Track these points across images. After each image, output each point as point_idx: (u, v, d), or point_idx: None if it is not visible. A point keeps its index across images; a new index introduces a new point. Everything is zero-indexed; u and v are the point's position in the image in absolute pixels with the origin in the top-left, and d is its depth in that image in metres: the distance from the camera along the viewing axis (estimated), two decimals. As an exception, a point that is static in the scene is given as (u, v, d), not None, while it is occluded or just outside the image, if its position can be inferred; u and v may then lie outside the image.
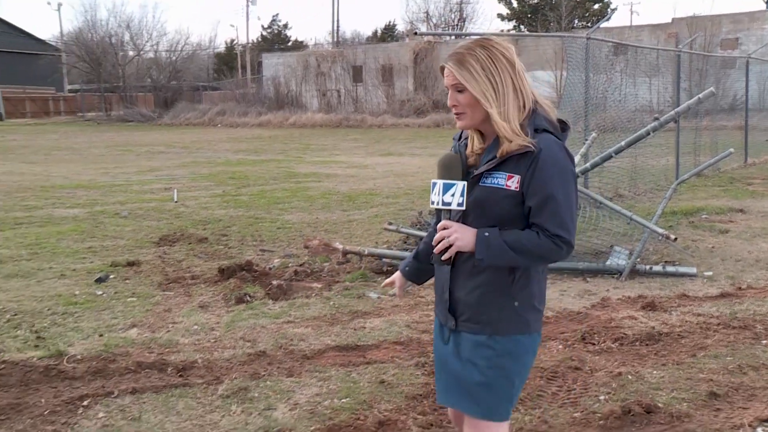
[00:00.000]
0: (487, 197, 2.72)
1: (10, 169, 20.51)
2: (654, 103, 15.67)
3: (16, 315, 6.68)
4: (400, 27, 72.15)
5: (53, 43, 76.53)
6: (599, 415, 4.42)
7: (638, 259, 7.83)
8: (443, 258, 2.78)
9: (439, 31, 67.91)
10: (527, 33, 52.55)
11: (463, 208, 2.75)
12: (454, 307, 2.88)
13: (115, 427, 4.38)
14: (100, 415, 4.54)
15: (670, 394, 4.73)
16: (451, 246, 2.74)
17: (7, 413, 4.56)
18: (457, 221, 2.78)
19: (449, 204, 2.76)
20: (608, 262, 7.86)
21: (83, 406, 4.64)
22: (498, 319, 2.79)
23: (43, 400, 4.72)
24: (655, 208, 9.38)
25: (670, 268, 7.84)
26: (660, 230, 7.70)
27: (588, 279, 7.70)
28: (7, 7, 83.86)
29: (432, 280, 3.09)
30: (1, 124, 52.18)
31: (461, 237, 2.72)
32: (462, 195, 2.74)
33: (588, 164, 8.77)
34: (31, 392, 4.87)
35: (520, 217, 2.72)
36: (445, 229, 2.75)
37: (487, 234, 2.69)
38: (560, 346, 5.67)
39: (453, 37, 49.55)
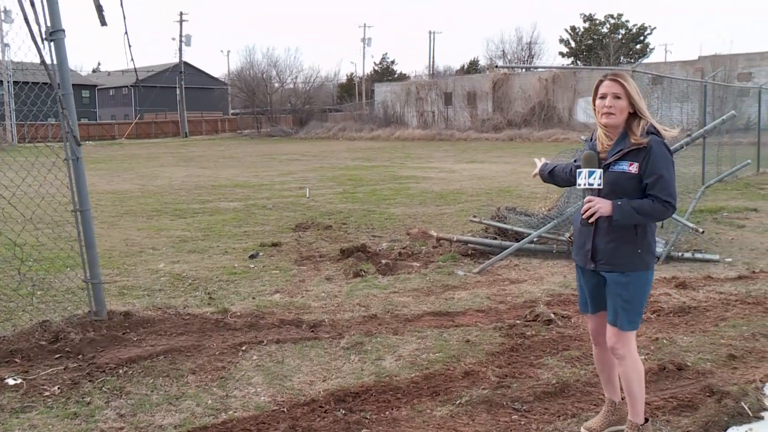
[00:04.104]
0: (616, 179, 3.15)
1: (190, 173, 21.27)
2: (684, 123, 15.07)
3: (195, 280, 6.93)
4: (482, 62, 71.00)
5: (222, 80, 79.15)
6: (640, 370, 4.29)
7: (672, 247, 7.57)
8: (590, 221, 3.17)
9: (513, 64, 66.58)
10: (583, 66, 51.03)
11: (601, 186, 3.17)
12: (593, 254, 3.25)
13: (265, 367, 4.48)
14: (254, 357, 4.67)
15: (697, 356, 4.59)
16: (595, 213, 3.14)
17: (191, 351, 4.74)
18: (597, 196, 3.19)
19: (592, 184, 3.17)
20: (647, 250, 7.58)
21: (242, 350, 4.77)
22: (627, 261, 3.17)
23: (214, 344, 4.88)
24: (686, 207, 9.01)
25: (698, 255, 7.56)
26: (690, 224, 7.41)
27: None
28: (192, 54, 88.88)
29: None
30: (186, 140, 54.04)
31: (602, 206, 3.13)
32: (600, 178, 3.17)
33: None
34: (206, 337, 5.04)
35: (637, 191, 3.13)
36: (590, 201, 3.16)
37: (620, 203, 3.11)
38: (606, 317, 5.51)
39: (524, 70, 48.44)
